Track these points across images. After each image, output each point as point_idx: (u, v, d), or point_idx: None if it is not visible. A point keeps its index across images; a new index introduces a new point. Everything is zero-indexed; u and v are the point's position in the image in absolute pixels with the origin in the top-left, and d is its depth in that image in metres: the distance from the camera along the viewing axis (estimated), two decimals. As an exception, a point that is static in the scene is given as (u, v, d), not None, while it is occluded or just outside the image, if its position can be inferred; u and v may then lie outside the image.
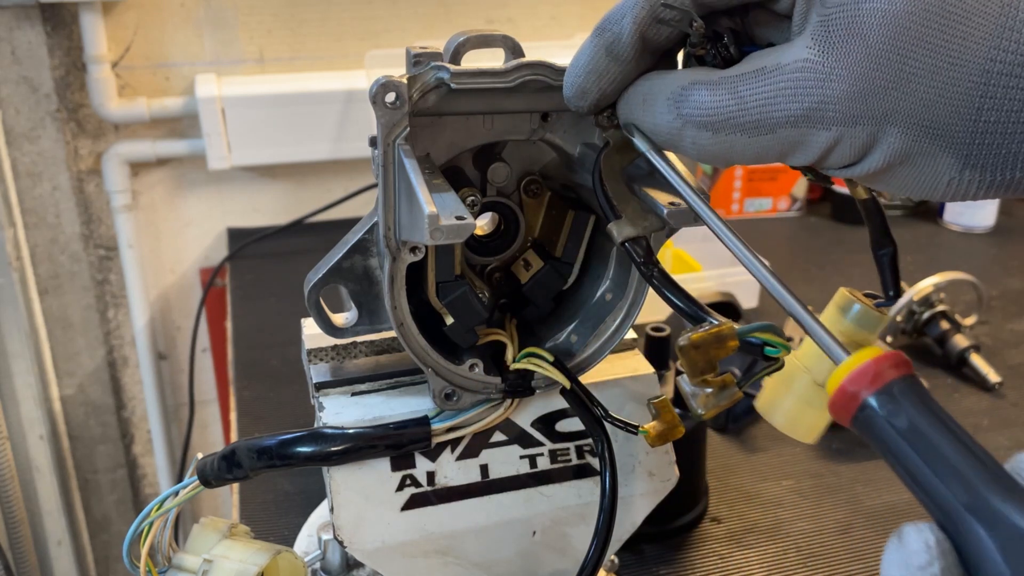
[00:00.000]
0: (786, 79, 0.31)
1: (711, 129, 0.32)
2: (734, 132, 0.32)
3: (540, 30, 1.39)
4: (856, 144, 0.31)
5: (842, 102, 0.30)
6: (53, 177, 1.27)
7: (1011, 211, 1.42)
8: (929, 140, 0.30)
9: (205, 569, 0.45)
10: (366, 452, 0.44)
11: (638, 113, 0.35)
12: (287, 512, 0.70)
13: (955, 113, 0.29)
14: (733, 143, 0.32)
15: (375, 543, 0.46)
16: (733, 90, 0.32)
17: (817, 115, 0.30)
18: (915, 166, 0.31)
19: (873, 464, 0.76)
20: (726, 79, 0.33)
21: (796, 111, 0.30)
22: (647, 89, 0.35)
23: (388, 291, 0.42)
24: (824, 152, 0.31)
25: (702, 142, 0.33)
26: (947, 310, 0.96)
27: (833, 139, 0.31)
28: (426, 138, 0.42)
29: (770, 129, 0.31)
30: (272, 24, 1.29)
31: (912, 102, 0.29)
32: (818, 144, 0.31)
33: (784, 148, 0.32)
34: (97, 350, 1.39)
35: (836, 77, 0.30)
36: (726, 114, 0.32)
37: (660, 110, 0.34)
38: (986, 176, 0.30)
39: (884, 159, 0.31)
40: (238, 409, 0.88)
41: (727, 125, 0.32)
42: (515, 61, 0.39)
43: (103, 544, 1.50)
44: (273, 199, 1.38)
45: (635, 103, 0.36)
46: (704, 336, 0.33)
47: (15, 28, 1.19)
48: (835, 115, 0.30)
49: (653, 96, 0.35)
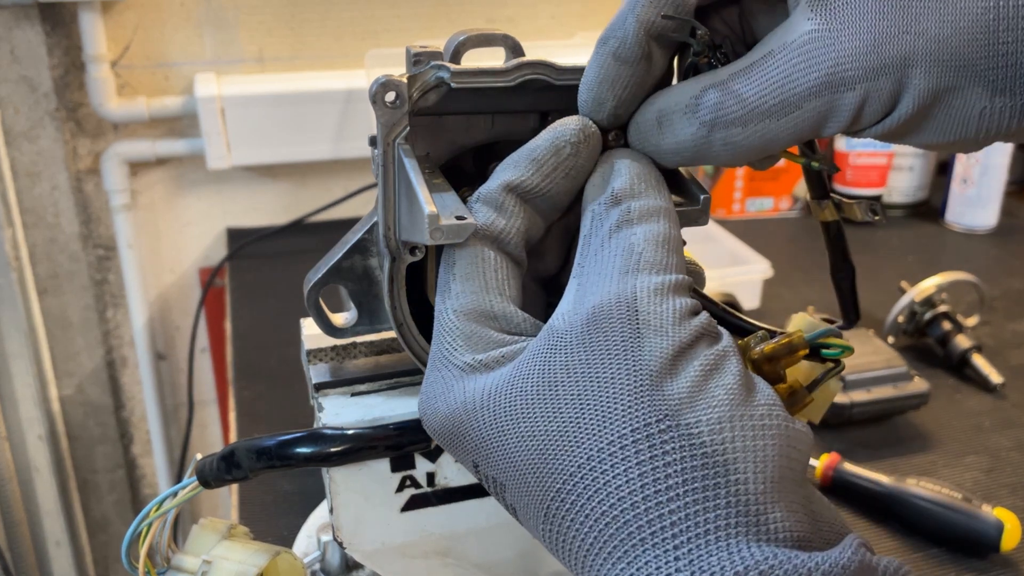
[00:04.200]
0: (796, 54, 0.31)
1: (740, 124, 0.32)
2: (763, 119, 0.31)
3: (540, 29, 1.39)
4: (884, 96, 0.30)
5: (858, 59, 0.30)
6: (52, 177, 1.27)
7: (1013, 212, 1.42)
8: (952, 74, 0.30)
9: (204, 570, 0.44)
10: (366, 453, 0.44)
11: (655, 138, 0.35)
12: (286, 513, 0.70)
13: (971, 42, 0.29)
14: (766, 130, 0.32)
15: (375, 544, 0.46)
16: (748, 80, 0.32)
17: (837, 78, 0.30)
18: (945, 103, 0.30)
19: (875, 464, 0.76)
20: (736, 73, 0.32)
21: (815, 80, 0.30)
22: (657, 110, 0.35)
23: (388, 291, 0.41)
24: (855, 112, 0.31)
25: (736, 139, 0.32)
26: (949, 311, 0.95)
27: (861, 97, 0.30)
28: (426, 138, 0.42)
29: (796, 105, 0.31)
30: (272, 23, 1.28)
31: (926, 41, 0.29)
32: (847, 105, 0.31)
33: (817, 119, 0.31)
34: (96, 350, 1.39)
35: (845, 37, 0.30)
36: (749, 105, 0.31)
37: (680, 126, 0.33)
38: (1017, 101, 0.30)
39: (914, 103, 0.30)
40: (237, 409, 0.88)
41: (754, 115, 0.32)
42: (516, 60, 0.39)
43: (102, 545, 1.49)
44: (273, 199, 1.38)
45: (649, 128, 0.35)
46: (776, 347, 0.33)
47: (14, 27, 1.18)
48: (855, 73, 0.30)
49: (667, 115, 0.34)
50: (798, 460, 0.28)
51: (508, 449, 0.30)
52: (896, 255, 1.27)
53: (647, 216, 0.33)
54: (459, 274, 0.34)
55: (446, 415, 0.32)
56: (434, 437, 0.34)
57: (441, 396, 0.33)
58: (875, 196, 1.38)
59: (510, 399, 0.30)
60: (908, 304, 0.96)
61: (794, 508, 0.27)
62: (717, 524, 0.26)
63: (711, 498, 0.26)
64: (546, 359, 0.30)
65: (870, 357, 0.84)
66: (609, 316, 0.30)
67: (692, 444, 0.27)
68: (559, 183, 0.35)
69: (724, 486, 0.26)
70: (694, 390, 0.28)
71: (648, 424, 0.27)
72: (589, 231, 0.33)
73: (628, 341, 0.29)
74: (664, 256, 0.31)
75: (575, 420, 0.29)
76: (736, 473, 0.27)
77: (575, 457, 0.28)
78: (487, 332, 0.33)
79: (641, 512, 0.27)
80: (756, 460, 0.27)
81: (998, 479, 0.76)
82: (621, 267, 0.31)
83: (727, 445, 0.27)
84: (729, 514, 0.26)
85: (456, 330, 0.33)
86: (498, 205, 0.35)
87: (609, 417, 0.28)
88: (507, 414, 0.30)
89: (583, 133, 0.35)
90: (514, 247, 0.35)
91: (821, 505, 0.29)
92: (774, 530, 0.26)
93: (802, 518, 0.27)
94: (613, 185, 0.34)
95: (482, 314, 0.33)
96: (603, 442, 0.28)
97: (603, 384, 0.29)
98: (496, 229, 0.35)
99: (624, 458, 0.27)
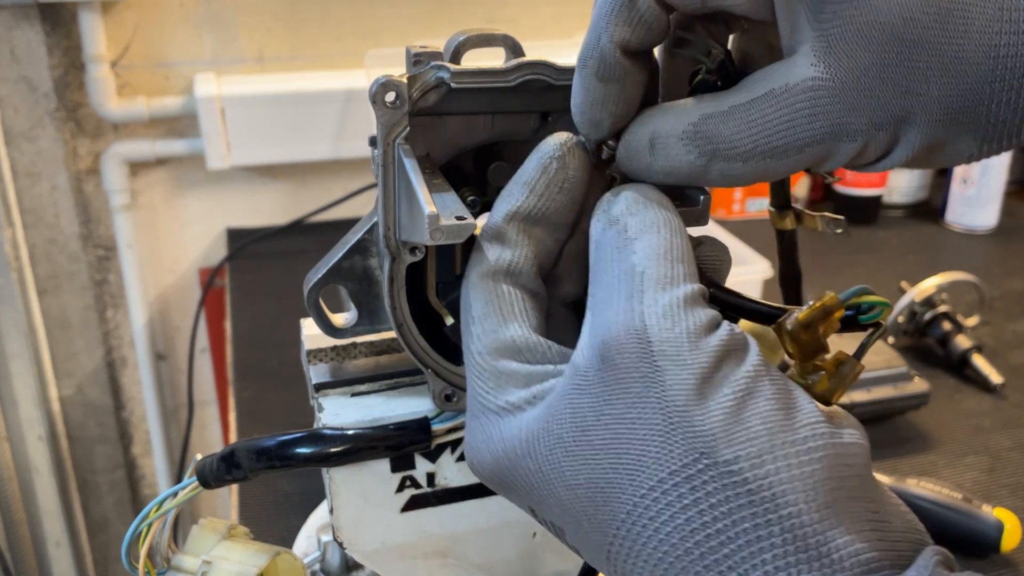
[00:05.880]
0: (800, 100, 0.30)
1: (741, 160, 0.31)
2: (764, 159, 0.31)
3: (541, 29, 1.39)
4: (881, 146, 0.30)
5: (863, 115, 0.29)
6: (52, 177, 1.27)
7: (1013, 211, 1.42)
8: (947, 130, 0.30)
9: (204, 570, 0.44)
10: (366, 453, 0.44)
11: (645, 160, 0.34)
12: (286, 513, 0.70)
13: (969, 103, 0.29)
14: (765, 167, 0.31)
15: (375, 544, 0.46)
16: (750, 118, 0.31)
17: (841, 130, 0.30)
18: (937, 152, 0.31)
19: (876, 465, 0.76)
20: (738, 107, 0.31)
21: (820, 130, 0.30)
22: (652, 132, 0.34)
23: (388, 291, 0.41)
24: (852, 157, 0.31)
25: (733, 172, 0.32)
26: (949, 311, 0.95)
27: (860, 146, 0.30)
28: (426, 138, 0.42)
29: (798, 150, 0.30)
30: (272, 23, 1.28)
31: (927, 101, 0.29)
32: (847, 152, 0.31)
33: (815, 160, 0.31)
34: (96, 350, 1.39)
35: (850, 91, 0.29)
36: (751, 143, 0.31)
37: (676, 151, 0.33)
38: (1003, 144, 0.30)
39: (907, 154, 0.30)
40: (237, 410, 0.88)
41: (755, 154, 0.31)
42: (516, 60, 0.39)
43: (102, 545, 1.49)
44: (273, 199, 1.38)
45: (639, 149, 0.34)
46: (811, 312, 0.32)
47: (14, 27, 1.18)
48: (858, 127, 0.30)
49: (662, 138, 0.33)
50: (853, 474, 0.27)
51: (559, 496, 0.29)
52: (896, 255, 1.27)
53: (644, 230, 0.32)
54: (477, 315, 0.34)
55: (492, 463, 0.31)
56: (487, 484, 0.33)
57: (484, 444, 0.32)
58: (875, 196, 1.38)
59: (548, 446, 0.29)
60: (908, 304, 0.96)
61: (858, 527, 0.26)
62: (776, 564, 0.25)
63: (764, 537, 0.25)
64: (573, 401, 0.29)
65: (870, 357, 0.84)
66: (621, 349, 0.29)
67: (734, 482, 0.26)
68: (556, 199, 0.35)
69: (777, 522, 0.25)
70: (728, 422, 0.27)
71: (686, 465, 0.26)
72: (594, 260, 0.33)
73: (647, 377, 0.28)
74: (668, 268, 0.30)
75: (613, 467, 0.28)
76: (787, 507, 0.25)
77: (623, 504, 0.27)
78: (515, 366, 0.32)
79: (696, 558, 0.26)
80: (806, 488, 0.26)
81: (998, 479, 0.76)
82: (625, 291, 0.30)
83: (771, 478, 0.26)
84: (787, 551, 0.25)
85: (485, 372, 0.32)
86: (502, 238, 0.34)
87: (644, 462, 0.27)
88: (549, 462, 0.29)
89: (564, 147, 0.35)
90: (527, 277, 0.34)
91: (891, 512, 0.27)
92: (838, 559, 0.25)
93: (868, 536, 0.26)
94: (611, 212, 0.33)
95: (507, 349, 0.33)
96: (644, 488, 0.27)
97: (631, 426, 0.28)
98: (505, 262, 0.34)
99: (667, 504, 0.27)
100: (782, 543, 0.25)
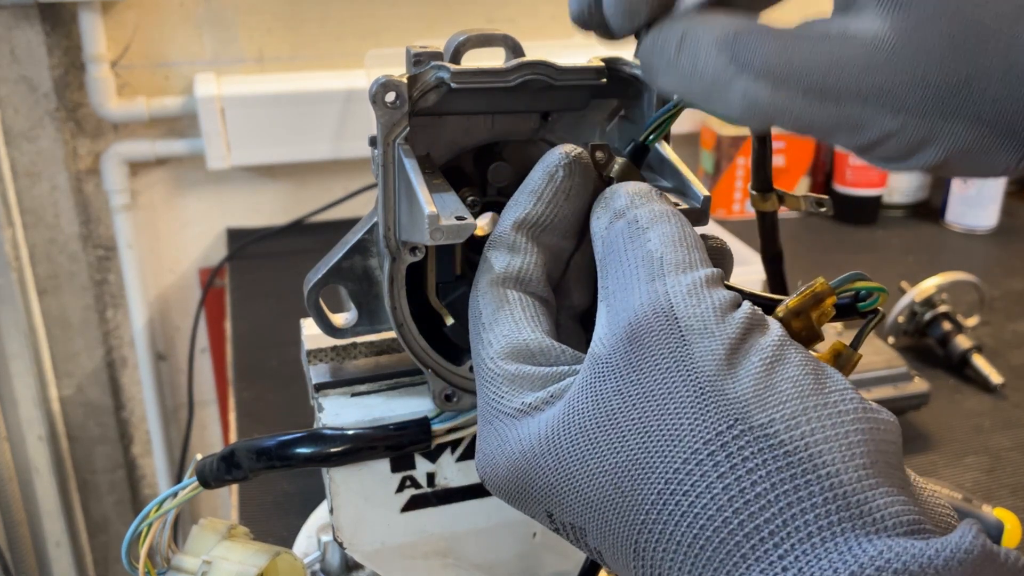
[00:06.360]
0: (856, 49, 0.27)
1: (771, 82, 0.28)
2: (795, 91, 0.28)
3: (541, 29, 1.39)
4: (914, 138, 0.28)
5: (916, 90, 0.27)
6: (52, 177, 1.27)
7: (1013, 212, 1.42)
8: (992, 137, 0.27)
9: (204, 570, 0.44)
10: (366, 453, 0.44)
11: (669, 55, 0.31)
12: (286, 513, 0.70)
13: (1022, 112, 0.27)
14: (789, 105, 0.29)
15: (375, 544, 0.46)
16: (797, 44, 0.28)
17: (889, 96, 0.27)
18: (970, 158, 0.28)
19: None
20: (786, 32, 0.29)
21: (868, 85, 0.27)
22: (684, 30, 0.31)
23: (388, 291, 0.41)
24: (876, 140, 0.28)
25: (756, 96, 0.29)
26: (949, 311, 0.95)
27: (894, 127, 0.28)
28: (426, 138, 0.42)
29: (835, 98, 0.28)
30: (272, 23, 1.28)
31: (983, 100, 0.27)
32: (877, 129, 0.28)
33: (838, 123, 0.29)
34: (96, 350, 1.39)
35: (913, 63, 0.27)
36: (791, 68, 0.28)
37: (706, 53, 0.30)
38: None
39: (936, 155, 0.28)
40: (237, 410, 0.88)
41: (789, 81, 0.28)
42: (516, 60, 0.39)
43: (102, 545, 1.49)
44: (273, 199, 1.38)
45: (667, 42, 0.31)
46: (801, 300, 0.31)
47: (14, 27, 1.18)
48: (906, 102, 0.27)
49: (695, 39, 0.30)
50: (888, 441, 0.26)
51: (581, 491, 0.28)
52: (896, 255, 1.27)
53: (656, 220, 0.31)
54: (487, 322, 0.33)
55: (507, 468, 0.31)
56: (499, 495, 0.32)
57: (498, 449, 0.31)
58: (875, 196, 1.38)
59: (570, 439, 0.29)
60: (908, 304, 0.96)
61: (897, 492, 0.25)
62: (819, 524, 0.24)
63: (805, 497, 0.25)
64: (595, 389, 0.29)
65: (870, 357, 0.84)
66: (649, 328, 0.28)
67: (771, 445, 0.25)
68: (563, 206, 0.35)
69: (816, 482, 0.25)
70: (759, 387, 0.26)
71: (720, 433, 0.26)
72: (603, 254, 0.32)
73: (676, 350, 0.27)
74: (686, 253, 0.30)
75: (642, 447, 0.27)
76: (826, 466, 0.25)
77: (653, 484, 0.27)
78: (529, 369, 0.32)
79: (735, 527, 0.25)
80: (842, 448, 0.25)
81: (998, 479, 0.76)
82: (646, 276, 0.30)
83: (808, 439, 0.25)
84: (829, 511, 0.24)
85: (498, 376, 0.32)
86: (511, 245, 0.34)
87: (676, 435, 0.27)
88: (571, 455, 0.29)
89: (570, 156, 0.35)
90: (537, 285, 0.34)
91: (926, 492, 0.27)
92: (881, 518, 0.24)
93: (908, 500, 0.25)
94: (613, 207, 0.33)
95: (520, 352, 0.32)
96: (677, 462, 0.26)
97: (661, 401, 0.27)
98: (514, 269, 0.34)
99: (703, 474, 0.26)
100: (823, 503, 0.24)
